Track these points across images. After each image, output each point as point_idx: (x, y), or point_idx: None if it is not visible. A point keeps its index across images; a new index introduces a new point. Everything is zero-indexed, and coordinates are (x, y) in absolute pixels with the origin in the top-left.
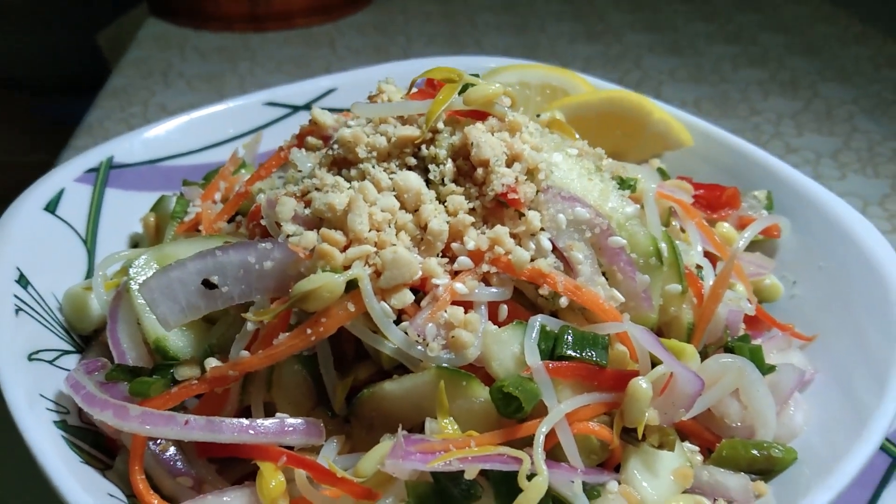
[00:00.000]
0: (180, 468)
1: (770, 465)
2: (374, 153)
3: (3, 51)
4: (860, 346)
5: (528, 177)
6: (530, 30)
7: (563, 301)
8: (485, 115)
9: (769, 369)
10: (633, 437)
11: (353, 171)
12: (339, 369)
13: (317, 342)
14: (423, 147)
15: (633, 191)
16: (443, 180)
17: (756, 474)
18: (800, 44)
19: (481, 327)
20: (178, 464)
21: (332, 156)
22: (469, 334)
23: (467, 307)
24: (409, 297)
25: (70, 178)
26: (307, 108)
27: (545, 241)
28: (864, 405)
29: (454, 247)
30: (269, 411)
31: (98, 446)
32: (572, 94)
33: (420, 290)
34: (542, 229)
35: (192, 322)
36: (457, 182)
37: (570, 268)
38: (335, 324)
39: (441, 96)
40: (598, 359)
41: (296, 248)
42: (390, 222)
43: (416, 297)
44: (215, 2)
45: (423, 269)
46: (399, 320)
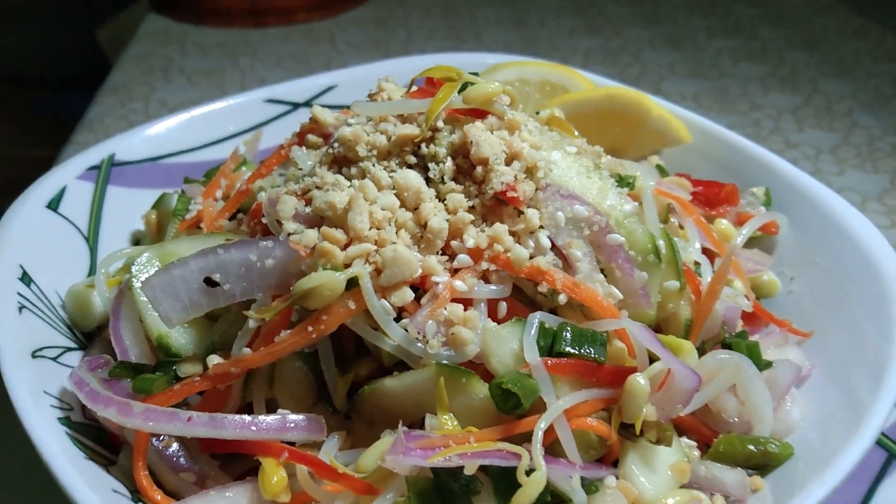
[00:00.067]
0: (183, 464)
1: (767, 461)
2: (374, 151)
3: (4, 47)
4: (857, 341)
5: (527, 175)
6: (530, 24)
7: (562, 298)
8: (484, 114)
9: (766, 365)
10: (630, 432)
11: (353, 170)
12: (339, 366)
13: (318, 339)
14: (423, 145)
15: (631, 188)
16: (442, 178)
17: (753, 469)
18: (799, 37)
19: (481, 324)
20: (181, 460)
21: (332, 154)
22: (468, 331)
23: (467, 304)
24: (409, 295)
25: (72, 176)
26: (307, 105)
27: (544, 238)
28: (860, 401)
29: (454, 245)
30: (271, 407)
31: (102, 442)
32: (572, 91)
33: (420, 287)
34: (541, 227)
35: (193, 319)
36: (456, 180)
37: (568, 265)
38: (336, 321)
39: (441, 95)
40: (597, 355)
41: (297, 246)
42: (390, 220)
43: (416, 294)
44: None
45: (422, 267)
46: (399, 318)
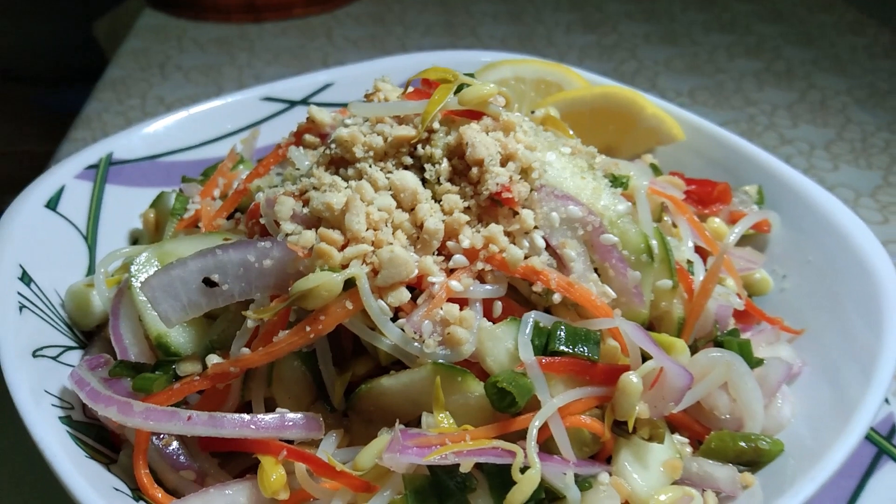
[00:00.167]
0: (183, 462)
1: (757, 457)
2: (370, 153)
3: None
4: (847, 339)
5: (522, 176)
6: (526, 19)
7: (556, 297)
8: (479, 115)
9: (757, 363)
10: (623, 429)
11: (350, 171)
12: (337, 365)
13: (316, 339)
14: (419, 146)
15: (625, 188)
16: (438, 179)
17: (744, 465)
18: (795, 33)
19: (476, 324)
20: (181, 458)
21: (329, 155)
22: (464, 331)
23: (462, 304)
24: (405, 295)
25: (70, 175)
26: (304, 102)
27: (539, 238)
28: (850, 397)
29: (450, 245)
30: (270, 406)
31: (102, 441)
32: (567, 89)
33: (416, 287)
34: (536, 227)
35: (192, 318)
36: (452, 181)
37: (562, 265)
38: (334, 321)
39: (437, 96)
40: (590, 354)
41: (294, 247)
42: (387, 221)
43: (412, 294)
44: None
45: (419, 268)
46: (396, 317)
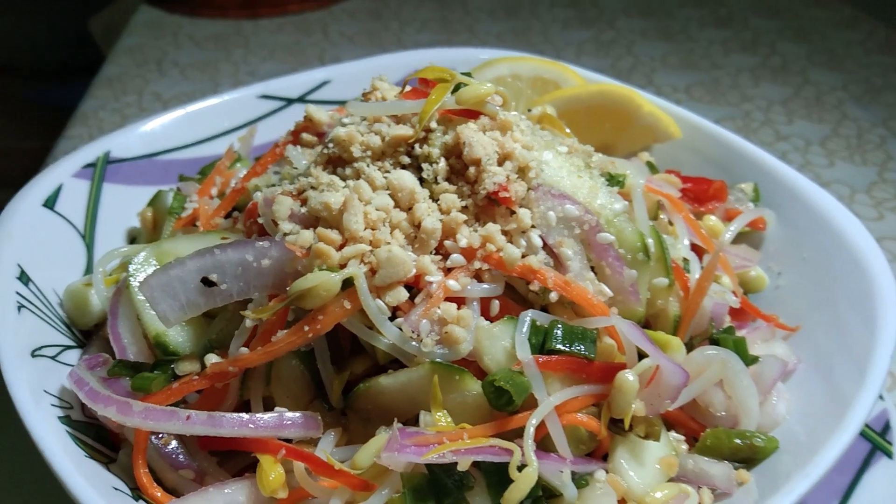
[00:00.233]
0: (182, 461)
1: (753, 454)
2: (368, 152)
3: None
4: (842, 336)
5: (519, 175)
6: (523, 15)
7: (553, 296)
8: (477, 114)
9: (753, 360)
10: (620, 427)
11: (347, 170)
12: (335, 364)
13: (314, 339)
14: (417, 146)
15: (621, 187)
16: (436, 179)
17: (739, 462)
18: (791, 28)
19: (473, 323)
20: (180, 457)
21: (327, 154)
22: (462, 330)
23: (460, 303)
24: (403, 295)
25: (68, 174)
26: (301, 100)
27: (536, 237)
28: (844, 394)
29: (447, 244)
30: (268, 405)
31: (102, 440)
32: (563, 87)
33: (414, 287)
34: (533, 226)
35: (190, 318)
36: (449, 180)
37: (559, 264)
38: (332, 321)
39: (434, 96)
40: (587, 352)
41: (293, 246)
42: (385, 221)
43: (410, 293)
44: None
45: (416, 267)
46: (394, 317)
